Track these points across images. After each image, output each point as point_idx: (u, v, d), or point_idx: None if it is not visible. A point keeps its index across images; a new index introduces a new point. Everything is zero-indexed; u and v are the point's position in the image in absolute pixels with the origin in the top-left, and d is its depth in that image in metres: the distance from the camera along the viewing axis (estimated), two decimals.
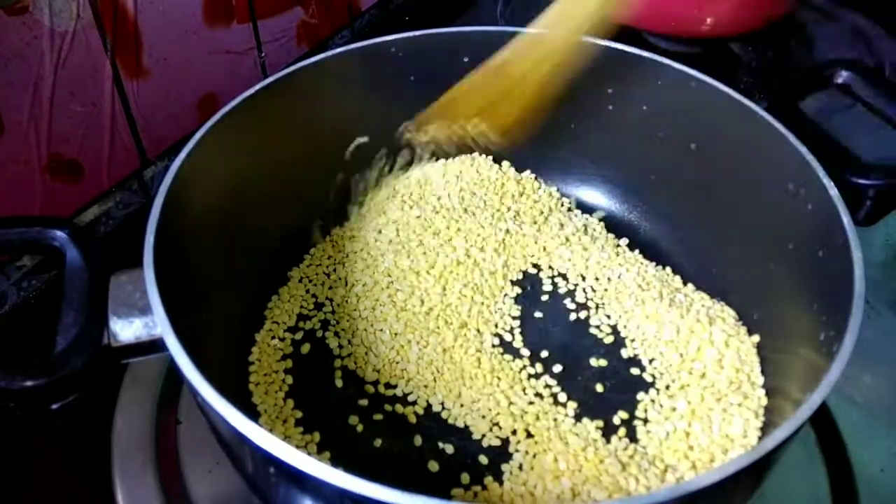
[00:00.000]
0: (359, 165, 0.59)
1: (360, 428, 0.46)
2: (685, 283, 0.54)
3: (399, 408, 0.47)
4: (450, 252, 0.55)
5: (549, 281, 0.55)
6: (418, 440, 0.46)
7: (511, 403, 0.47)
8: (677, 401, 0.47)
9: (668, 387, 0.48)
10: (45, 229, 0.43)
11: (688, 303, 0.52)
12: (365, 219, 0.58)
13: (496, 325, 0.52)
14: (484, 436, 0.46)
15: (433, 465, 0.45)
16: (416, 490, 0.30)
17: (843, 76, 0.64)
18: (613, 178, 0.61)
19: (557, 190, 0.61)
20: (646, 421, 0.47)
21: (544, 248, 0.56)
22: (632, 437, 0.46)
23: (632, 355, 0.51)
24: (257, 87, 0.50)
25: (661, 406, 0.47)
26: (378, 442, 0.46)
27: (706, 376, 0.48)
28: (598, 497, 0.42)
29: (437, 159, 0.61)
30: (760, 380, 0.47)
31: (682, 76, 0.53)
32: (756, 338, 0.49)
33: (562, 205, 0.60)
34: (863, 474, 0.46)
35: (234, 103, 0.49)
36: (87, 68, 0.55)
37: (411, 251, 0.55)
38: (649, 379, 0.49)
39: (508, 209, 0.59)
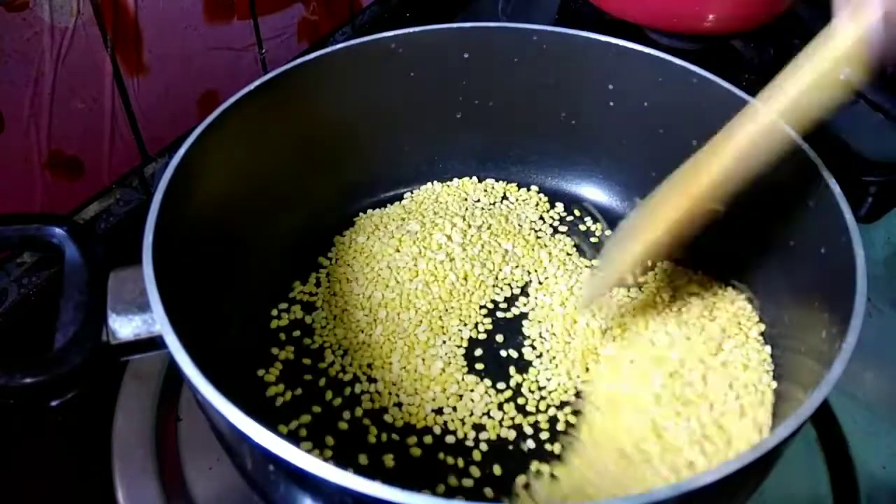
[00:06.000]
0: (360, 163, 0.59)
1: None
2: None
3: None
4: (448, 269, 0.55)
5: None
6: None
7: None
8: (682, 399, 0.46)
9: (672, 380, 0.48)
10: (44, 226, 0.43)
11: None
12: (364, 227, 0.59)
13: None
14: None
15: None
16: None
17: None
18: (614, 175, 0.61)
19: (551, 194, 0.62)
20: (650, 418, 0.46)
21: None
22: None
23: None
24: (257, 83, 0.50)
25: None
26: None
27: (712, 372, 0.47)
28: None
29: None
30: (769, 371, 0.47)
31: (684, 73, 0.53)
32: (761, 332, 0.49)
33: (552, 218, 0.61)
34: (864, 472, 0.46)
35: (233, 99, 0.49)
36: (87, 65, 0.55)
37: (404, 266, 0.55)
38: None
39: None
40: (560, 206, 0.61)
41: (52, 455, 0.48)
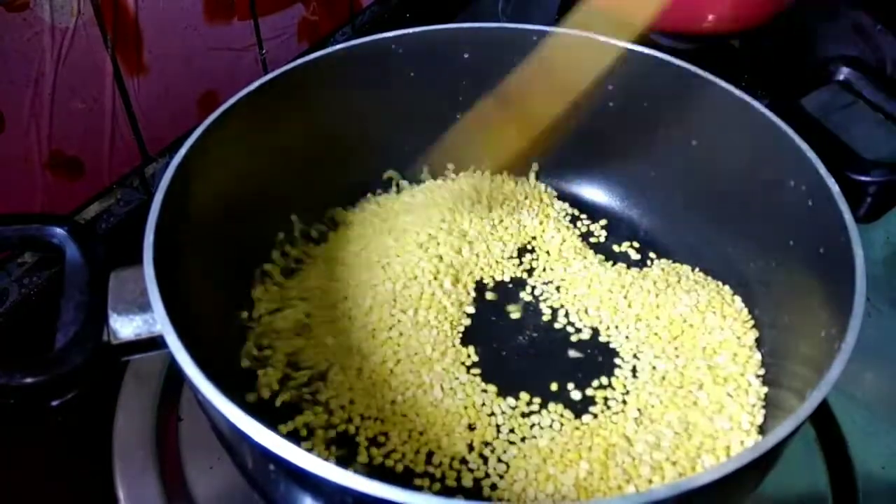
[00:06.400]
0: (360, 163, 0.59)
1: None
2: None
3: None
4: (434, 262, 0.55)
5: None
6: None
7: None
8: (673, 398, 0.47)
9: (663, 378, 0.48)
10: (45, 226, 0.43)
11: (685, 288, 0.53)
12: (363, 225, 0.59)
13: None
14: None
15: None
16: None
17: (844, 73, 0.64)
18: (613, 175, 0.61)
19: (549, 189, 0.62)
20: (640, 415, 0.46)
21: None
22: (627, 432, 0.46)
23: (619, 347, 0.51)
24: (257, 83, 0.50)
25: (657, 402, 0.47)
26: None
27: (704, 371, 0.48)
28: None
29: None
30: (761, 374, 0.47)
31: (684, 72, 0.53)
32: (756, 333, 0.49)
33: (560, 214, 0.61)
34: (863, 472, 0.46)
35: (234, 100, 0.49)
36: (87, 65, 0.55)
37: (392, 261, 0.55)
38: (642, 372, 0.49)
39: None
40: (560, 206, 0.61)
41: (52, 455, 0.48)
